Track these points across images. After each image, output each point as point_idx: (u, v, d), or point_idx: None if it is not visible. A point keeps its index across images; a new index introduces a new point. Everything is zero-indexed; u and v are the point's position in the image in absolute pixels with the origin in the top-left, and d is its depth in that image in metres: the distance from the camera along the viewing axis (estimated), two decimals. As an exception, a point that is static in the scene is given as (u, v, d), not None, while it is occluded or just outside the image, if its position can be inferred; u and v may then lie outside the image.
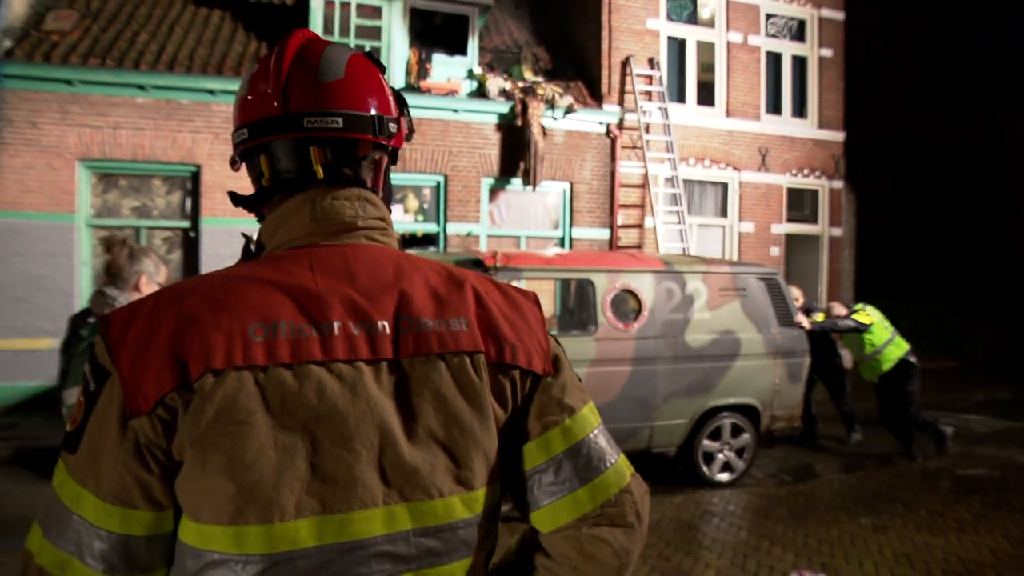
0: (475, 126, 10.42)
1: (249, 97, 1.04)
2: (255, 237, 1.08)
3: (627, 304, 6.26)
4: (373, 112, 1.04)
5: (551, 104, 10.50)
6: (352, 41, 10.10)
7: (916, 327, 15.36)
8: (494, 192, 10.72)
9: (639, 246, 11.30)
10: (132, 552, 0.87)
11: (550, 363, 1.04)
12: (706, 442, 6.45)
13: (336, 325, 0.91)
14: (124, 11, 10.33)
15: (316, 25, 9.93)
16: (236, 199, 1.11)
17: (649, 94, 11.33)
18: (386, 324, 0.94)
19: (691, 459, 6.43)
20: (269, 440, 0.85)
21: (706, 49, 12.13)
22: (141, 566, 0.88)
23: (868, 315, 7.15)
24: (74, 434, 0.90)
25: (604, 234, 11.18)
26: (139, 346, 0.87)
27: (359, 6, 10.15)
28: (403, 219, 10.32)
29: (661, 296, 6.21)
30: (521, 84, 10.60)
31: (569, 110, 10.69)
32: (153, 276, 3.01)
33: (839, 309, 7.58)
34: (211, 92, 9.37)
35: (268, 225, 1.04)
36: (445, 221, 10.35)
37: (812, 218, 12.93)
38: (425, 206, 10.44)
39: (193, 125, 9.37)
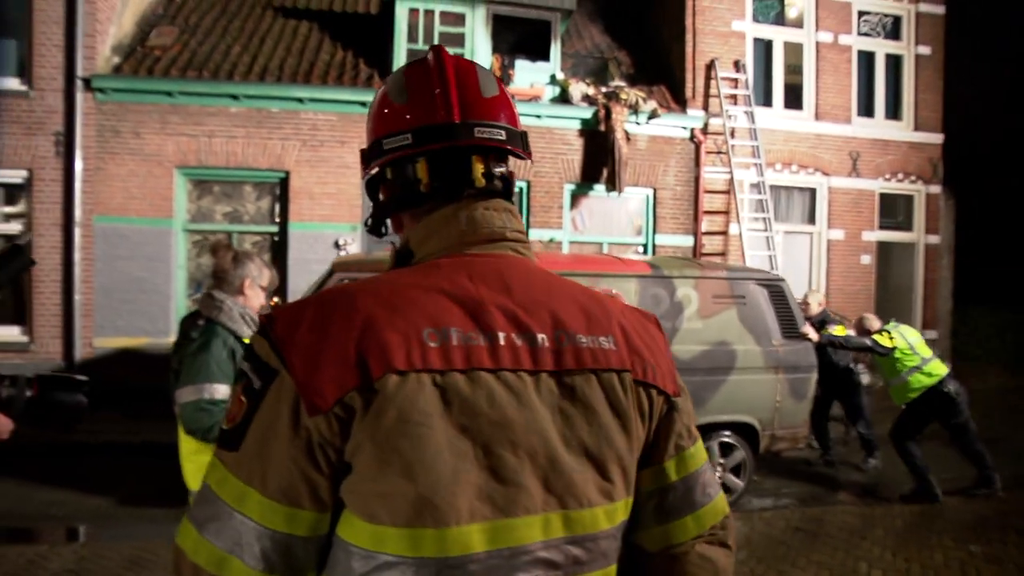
0: (558, 132, 10.39)
1: (412, 103, 1.06)
2: (398, 244, 1.10)
3: None
4: (521, 128, 1.10)
5: (634, 109, 10.37)
6: (436, 49, 10.21)
7: (1021, 341, 14.47)
8: (576, 198, 10.66)
9: (723, 253, 11.03)
10: (292, 552, 0.88)
11: (677, 386, 1.07)
12: None
13: (501, 335, 0.93)
14: (219, 25, 10.77)
15: (400, 33, 10.11)
16: (383, 207, 1.12)
17: (735, 98, 11.05)
18: (545, 337, 0.95)
19: None
20: (445, 444, 0.86)
21: (794, 50, 11.76)
22: (298, 567, 0.89)
23: (893, 338, 6.32)
24: (235, 431, 0.90)
25: (688, 241, 10.96)
26: (312, 345, 0.88)
27: (443, 14, 10.27)
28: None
29: (646, 303, 5.83)
30: (604, 89, 10.51)
31: (653, 115, 10.53)
32: (256, 280, 3.08)
33: (873, 322, 6.84)
34: (300, 100, 9.65)
35: (419, 232, 1.06)
36: (527, 227, 10.30)
37: (907, 225, 12.34)
38: (506, 212, 10.44)
39: (283, 132, 9.67)
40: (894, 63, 12.21)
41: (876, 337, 6.36)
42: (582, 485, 0.93)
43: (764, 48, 11.67)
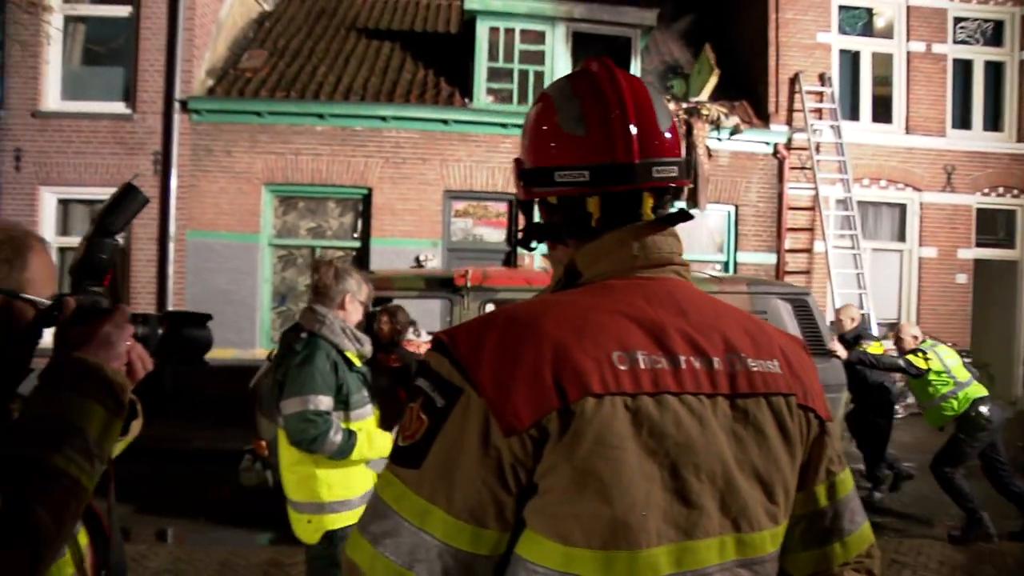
0: (636, 148, 10.27)
1: (591, 137, 1.03)
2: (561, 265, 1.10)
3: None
4: (684, 156, 1.10)
5: (716, 125, 10.20)
6: (516, 66, 10.32)
7: None
8: (654, 214, 10.50)
9: (807, 272, 10.69)
10: (473, 571, 0.88)
11: (828, 410, 1.07)
12: None
13: (683, 358, 0.93)
14: (306, 48, 11.14)
15: (481, 51, 10.23)
16: (538, 229, 1.12)
17: (819, 111, 10.74)
18: (719, 360, 0.96)
19: None
20: (638, 467, 0.87)
21: (883, 61, 11.36)
22: None
23: (929, 359, 5.82)
24: (415, 449, 0.90)
25: (771, 259, 10.67)
26: (502, 366, 0.88)
27: (523, 32, 10.35)
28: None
29: None
30: (685, 105, 10.38)
31: (735, 131, 10.34)
32: (356, 295, 3.13)
33: (911, 330, 6.21)
34: (383, 119, 9.87)
35: (588, 254, 1.05)
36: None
37: (1008, 242, 11.68)
38: (585, 228, 10.40)
39: (366, 150, 9.90)
40: (994, 71, 11.63)
41: (910, 357, 5.91)
42: (753, 508, 0.94)
43: (851, 60, 11.32)
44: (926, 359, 5.87)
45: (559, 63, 10.36)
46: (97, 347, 1.16)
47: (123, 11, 9.96)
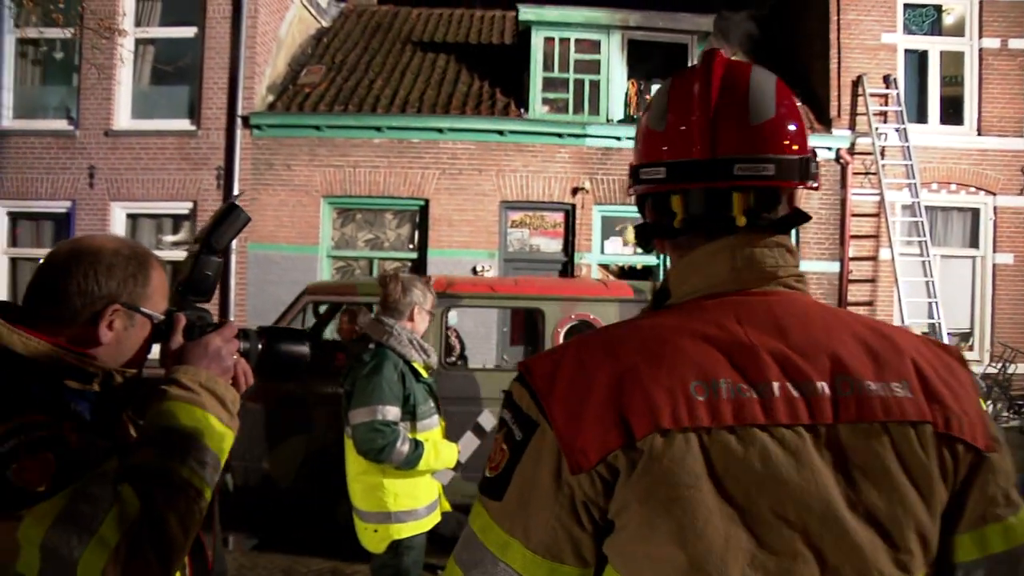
0: (694, 155, 10.13)
1: (668, 132, 0.97)
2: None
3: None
4: (802, 155, 0.96)
5: (775, 129, 9.96)
6: (571, 76, 10.30)
7: None
8: (713, 222, 10.33)
9: (873, 280, 10.35)
10: None
11: (990, 439, 0.89)
12: None
13: (776, 386, 0.84)
14: (363, 62, 11.33)
15: (536, 62, 10.24)
16: (644, 228, 1.05)
17: (884, 115, 10.41)
18: (824, 385, 0.85)
19: None
20: (715, 508, 0.80)
21: (952, 60, 10.96)
22: None
23: None
24: (497, 480, 0.89)
25: (834, 267, 10.36)
26: (574, 399, 0.84)
27: (578, 41, 10.33)
28: (621, 252, 10.25)
29: None
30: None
31: (795, 135, 10.07)
32: (423, 305, 3.13)
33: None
34: (439, 131, 9.95)
35: (679, 271, 0.99)
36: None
37: (1090, 248, 11.11)
38: (643, 238, 10.29)
39: (423, 162, 9.99)
40: (1074, 68, 11.10)
41: None
42: (872, 556, 0.82)
43: (917, 60, 10.95)
44: None
45: (615, 72, 10.29)
46: (210, 361, 1.22)
47: (189, 32, 10.30)
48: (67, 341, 1.19)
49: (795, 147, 0.95)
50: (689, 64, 10.45)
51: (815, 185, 0.97)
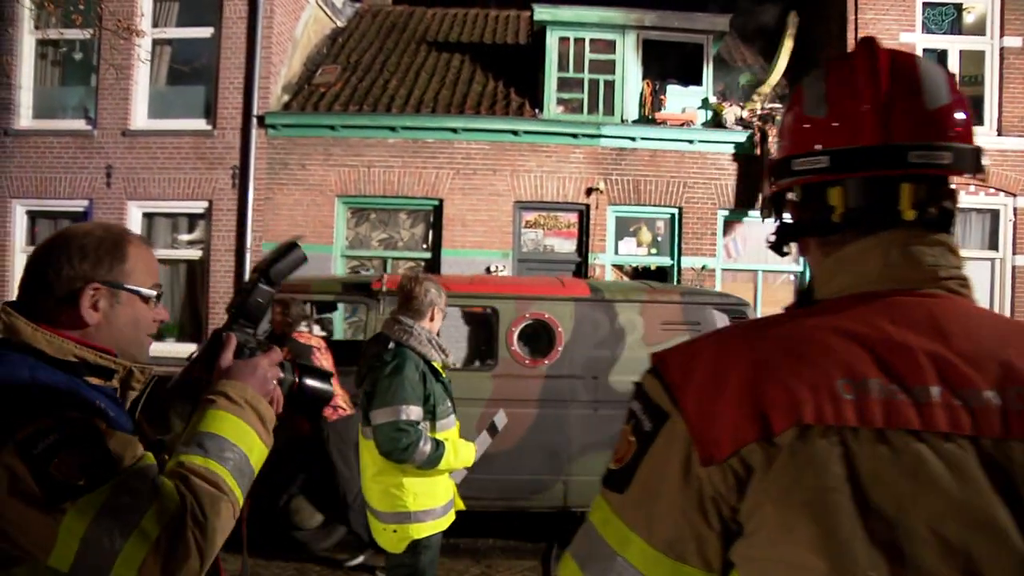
0: (711, 156, 10.09)
1: (832, 118, 0.90)
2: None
3: (538, 337, 5.41)
4: (975, 144, 0.90)
5: (792, 130, 9.90)
6: (586, 76, 10.27)
7: None
8: (729, 225, 10.28)
9: (891, 281, 10.24)
10: None
11: None
12: None
13: (934, 391, 0.77)
14: (377, 61, 11.35)
15: (551, 62, 10.22)
16: (787, 228, 0.99)
17: (903, 114, 10.30)
18: (993, 395, 0.77)
19: None
20: (858, 517, 0.72)
21: (972, 59, 10.84)
22: None
23: None
24: (622, 473, 0.86)
25: (850, 267, 10.28)
26: (708, 390, 0.81)
27: (593, 41, 10.29)
28: (636, 252, 10.22)
29: (583, 329, 5.35)
30: (759, 112, 10.12)
31: (812, 135, 10.00)
32: (439, 305, 3.13)
33: None
34: (454, 131, 9.94)
35: (826, 268, 0.93)
36: (679, 255, 10.08)
37: (1114, 250, 10.96)
38: (659, 239, 10.26)
39: (437, 162, 9.99)
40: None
41: None
42: None
43: (936, 60, 10.82)
44: None
45: (629, 72, 10.25)
46: (255, 381, 1.30)
47: (205, 32, 10.34)
48: (57, 327, 1.23)
49: (969, 136, 0.90)
50: (705, 64, 10.42)
51: (984, 177, 0.93)
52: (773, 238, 1.03)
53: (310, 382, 1.44)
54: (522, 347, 5.43)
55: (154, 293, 1.31)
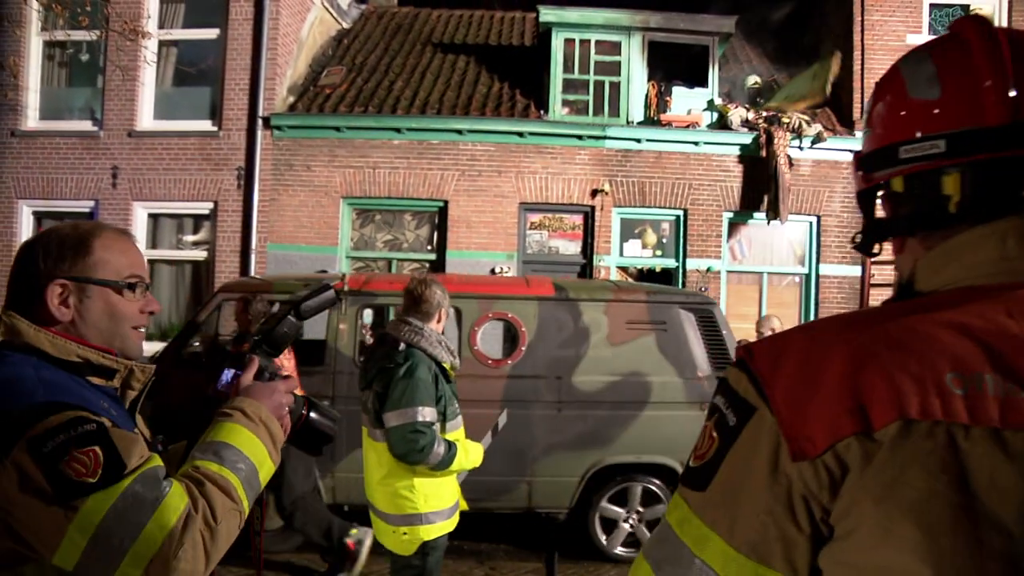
0: (716, 158, 10.09)
1: (948, 99, 0.83)
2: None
3: (502, 337, 5.33)
4: None
5: (797, 133, 9.88)
6: (591, 78, 10.27)
7: None
8: (735, 226, 10.27)
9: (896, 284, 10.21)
10: None
11: None
12: (607, 505, 5.34)
13: None
14: (383, 63, 11.36)
15: (557, 64, 10.22)
16: (884, 225, 0.91)
17: (909, 117, 10.28)
18: None
19: (585, 525, 5.34)
20: (971, 521, 0.67)
21: (978, 63, 10.82)
22: None
23: None
24: (702, 470, 0.81)
25: (855, 271, 10.24)
26: (799, 381, 0.75)
27: (598, 43, 10.30)
28: (641, 254, 10.21)
29: (547, 328, 5.29)
30: (765, 113, 10.11)
31: (817, 139, 9.99)
32: (446, 307, 3.14)
33: (772, 323, 5.93)
34: (459, 132, 9.94)
35: (931, 260, 0.85)
36: (684, 256, 10.07)
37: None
38: (664, 241, 10.26)
39: (442, 163, 9.99)
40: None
41: None
42: None
43: (942, 63, 10.82)
44: None
45: (635, 74, 10.25)
46: (271, 402, 1.37)
47: (211, 34, 10.37)
48: (37, 325, 1.24)
49: None
50: (711, 65, 10.41)
51: None
52: (859, 238, 0.95)
53: (316, 417, 1.52)
54: (485, 347, 5.39)
55: (127, 284, 1.30)
